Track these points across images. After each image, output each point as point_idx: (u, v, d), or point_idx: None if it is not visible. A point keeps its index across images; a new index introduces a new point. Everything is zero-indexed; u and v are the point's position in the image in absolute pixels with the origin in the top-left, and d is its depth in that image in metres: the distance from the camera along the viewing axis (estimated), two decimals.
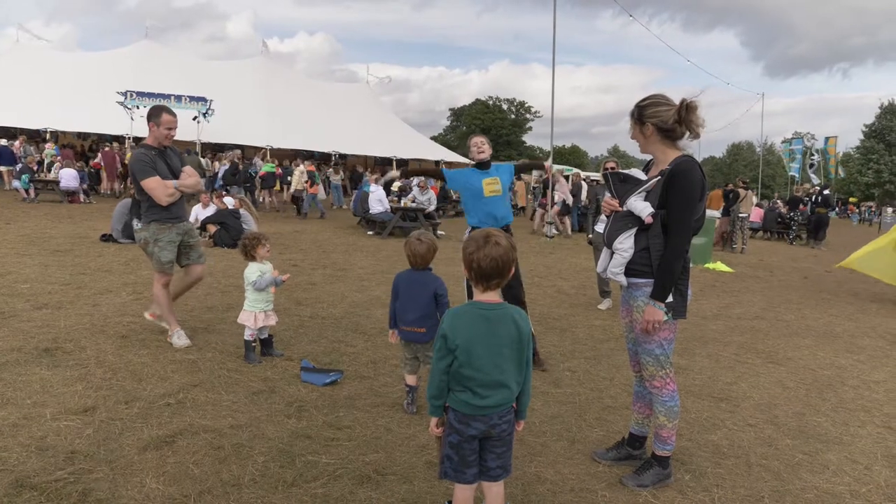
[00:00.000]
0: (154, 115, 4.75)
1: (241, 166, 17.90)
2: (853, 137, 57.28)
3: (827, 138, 35.89)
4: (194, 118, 21.57)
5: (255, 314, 4.61)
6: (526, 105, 69.30)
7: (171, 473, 2.90)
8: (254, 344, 4.66)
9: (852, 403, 4.52)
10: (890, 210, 33.46)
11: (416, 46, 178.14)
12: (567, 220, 16.77)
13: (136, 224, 4.84)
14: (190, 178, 4.91)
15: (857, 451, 3.66)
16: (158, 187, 4.66)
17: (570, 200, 16.93)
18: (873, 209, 44.27)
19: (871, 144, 53.94)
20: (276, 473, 2.96)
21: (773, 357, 5.65)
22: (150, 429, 3.37)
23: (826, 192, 20.11)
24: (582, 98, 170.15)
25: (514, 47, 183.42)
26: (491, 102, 68.65)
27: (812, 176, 35.48)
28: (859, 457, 3.59)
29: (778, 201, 26.46)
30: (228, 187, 17.04)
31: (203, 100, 21.66)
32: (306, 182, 17.74)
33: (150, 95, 21.10)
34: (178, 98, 21.42)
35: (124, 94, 20.12)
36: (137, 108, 20.27)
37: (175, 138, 4.90)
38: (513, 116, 68.44)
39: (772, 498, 3.04)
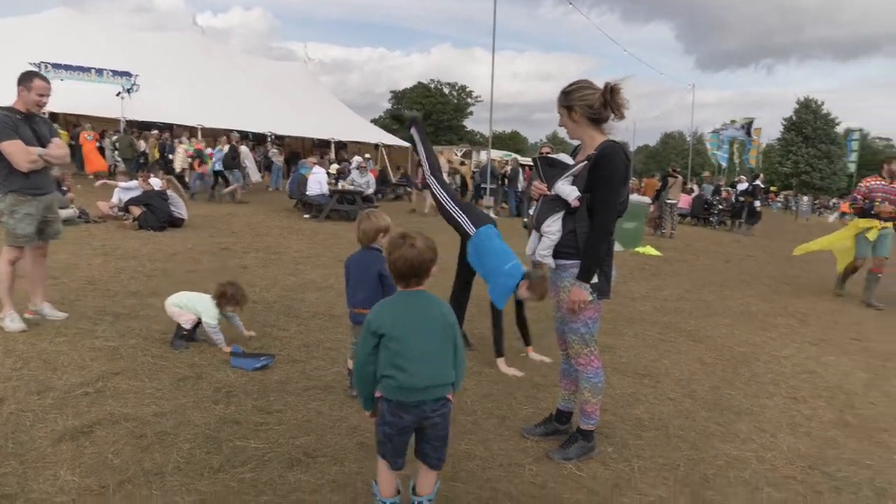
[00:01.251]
0: (25, 79, 4.50)
1: (239, 149, 17.20)
2: (774, 130, 60.13)
3: (749, 121, 37.26)
4: (118, 94, 20.50)
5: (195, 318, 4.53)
6: (467, 90, 69.31)
7: (89, 464, 2.80)
8: (185, 332, 4.54)
9: (763, 377, 4.79)
10: (805, 199, 35.31)
11: (357, 26, 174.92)
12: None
13: None
14: (58, 149, 4.68)
15: (764, 421, 3.90)
16: (19, 152, 4.40)
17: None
18: (789, 197, 46.57)
19: (790, 137, 56.75)
20: (202, 460, 2.91)
21: (695, 335, 5.91)
22: (66, 419, 3.23)
23: (757, 182, 21.16)
24: (523, 84, 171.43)
25: (456, 31, 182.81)
26: (433, 86, 68.25)
27: (747, 164, 37.00)
28: (766, 425, 3.82)
29: (706, 186, 27.55)
30: (228, 172, 16.60)
31: (128, 74, 20.54)
32: (194, 160, 17.15)
33: (69, 68, 19.81)
34: (100, 72, 20.21)
35: (38, 65, 18.86)
36: (61, 80, 19.09)
37: (99, 115, 4.68)
38: (454, 101, 68.26)
39: (687, 466, 3.21)
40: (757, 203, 20.52)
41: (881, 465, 3.40)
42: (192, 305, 4.55)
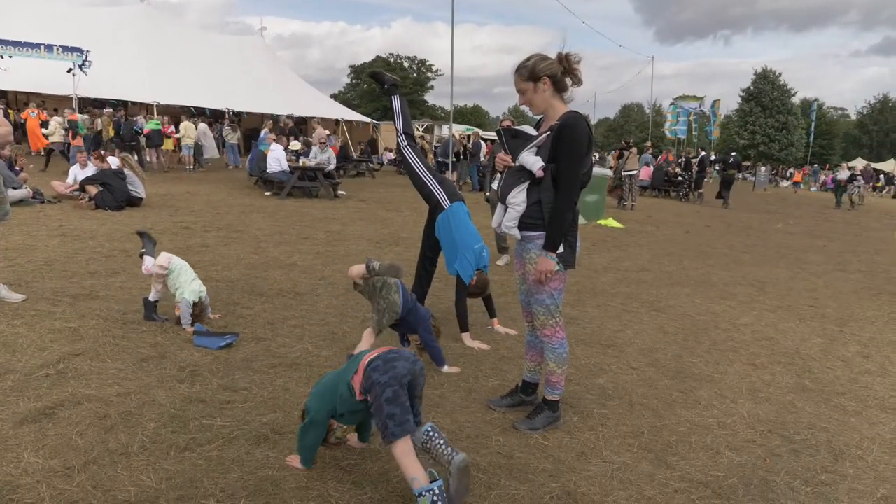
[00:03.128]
0: None
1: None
2: (732, 101, 61.20)
3: (714, 101, 37.83)
4: (69, 70, 19.77)
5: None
6: (427, 63, 68.65)
7: (52, 446, 2.75)
8: (153, 303, 4.48)
9: (723, 345, 4.93)
10: (763, 169, 36.10)
11: (316, 0, 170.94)
12: None
13: None
14: (1, 126, 4.52)
15: (725, 387, 4.02)
16: None
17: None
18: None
19: (748, 108, 57.73)
20: (168, 439, 2.88)
21: (656, 305, 6.04)
22: (27, 402, 3.16)
23: (734, 154, 21.62)
24: (484, 58, 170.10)
25: (417, 4, 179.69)
26: (392, 60, 67.39)
27: (710, 137, 37.56)
28: (727, 392, 3.95)
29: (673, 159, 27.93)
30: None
31: (79, 50, 19.78)
32: (68, 132, 16.75)
33: (16, 44, 19.05)
34: (50, 48, 19.42)
35: None
36: (10, 57, 18.31)
37: (50, 93, 4.50)
38: (414, 75, 67.58)
39: (650, 433, 3.29)
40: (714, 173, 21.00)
41: (838, 428, 3.54)
42: (179, 281, 4.53)
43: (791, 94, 57.47)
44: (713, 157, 21.68)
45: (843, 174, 23.86)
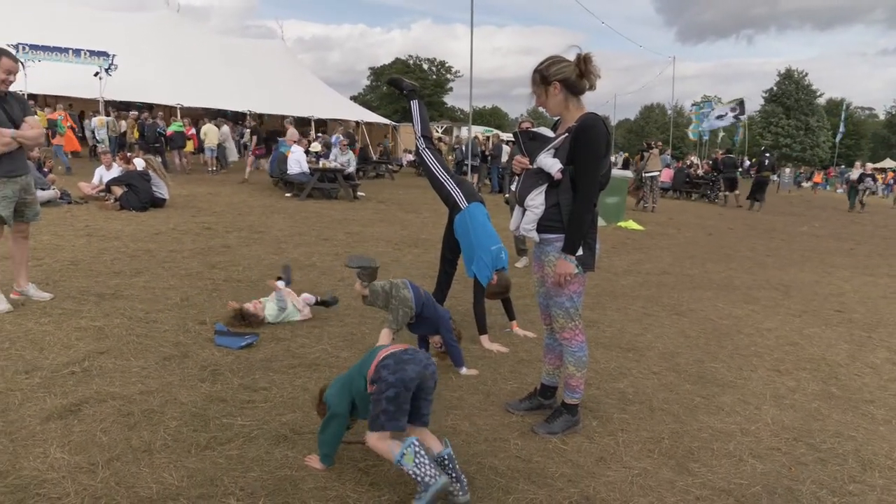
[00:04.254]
0: None
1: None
2: (755, 102, 60.19)
3: (741, 100, 37.27)
4: (96, 74, 20.15)
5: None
6: (447, 65, 68.79)
7: (77, 442, 2.80)
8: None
9: (746, 350, 4.86)
10: (787, 171, 35.60)
11: (336, 2, 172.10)
12: None
13: None
14: (32, 129, 4.59)
15: (748, 393, 3.96)
16: None
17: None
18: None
19: (771, 108, 57.02)
20: (190, 437, 2.91)
21: (677, 309, 5.98)
22: (54, 398, 3.22)
23: (768, 155, 21.18)
24: (503, 59, 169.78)
25: (437, 6, 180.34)
26: (412, 62, 67.63)
27: (735, 139, 37.03)
28: (750, 398, 3.89)
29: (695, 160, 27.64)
30: None
31: (105, 54, 20.19)
32: (47, 131, 16.99)
33: (46, 49, 19.47)
34: (78, 52, 19.87)
35: (16, 46, 18.46)
36: (32, 62, 18.70)
37: (78, 96, 4.58)
38: (434, 77, 67.75)
39: (671, 438, 3.26)
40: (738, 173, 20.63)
41: (866, 437, 3.46)
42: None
43: (817, 96, 56.63)
44: (748, 161, 21.27)
45: (855, 174, 22.90)
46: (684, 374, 4.24)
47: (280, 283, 4.92)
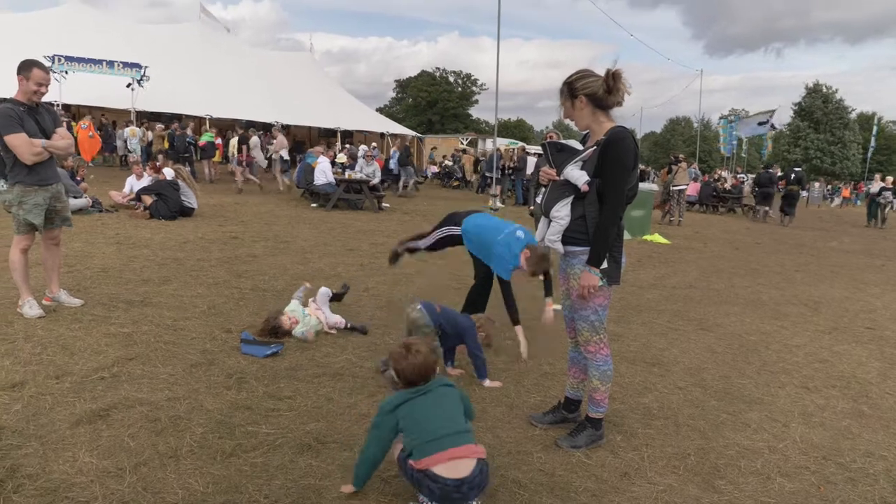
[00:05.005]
0: (24, 68, 4.50)
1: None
2: (784, 115, 59.32)
3: (772, 111, 36.75)
4: (128, 85, 20.64)
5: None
6: (472, 78, 69.12)
7: (105, 447, 2.85)
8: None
9: (774, 366, 4.78)
10: (817, 185, 35.01)
11: (364, 16, 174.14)
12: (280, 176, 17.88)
13: (2, 185, 4.60)
14: (62, 139, 4.72)
15: (776, 410, 3.89)
16: (23, 144, 4.43)
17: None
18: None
19: (798, 123, 56.24)
20: (215, 444, 2.94)
21: (704, 324, 5.90)
22: (83, 403, 3.28)
23: (798, 169, 20.84)
24: (530, 72, 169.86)
25: (464, 19, 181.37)
26: (438, 74, 68.07)
27: (763, 153, 36.54)
28: (778, 415, 3.82)
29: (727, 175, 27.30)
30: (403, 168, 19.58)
31: (137, 66, 20.71)
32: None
33: (81, 60, 20.03)
34: (111, 64, 20.41)
35: (52, 58, 19.03)
36: (66, 73, 19.23)
37: (110, 106, 4.71)
38: (459, 89, 68.10)
39: (697, 455, 3.21)
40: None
41: None
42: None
43: (848, 111, 55.73)
44: (780, 173, 20.80)
45: (875, 187, 22.13)
46: (710, 389, 4.18)
47: (323, 291, 4.98)
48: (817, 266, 10.45)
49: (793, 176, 19.78)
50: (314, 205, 13.93)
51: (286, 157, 18.37)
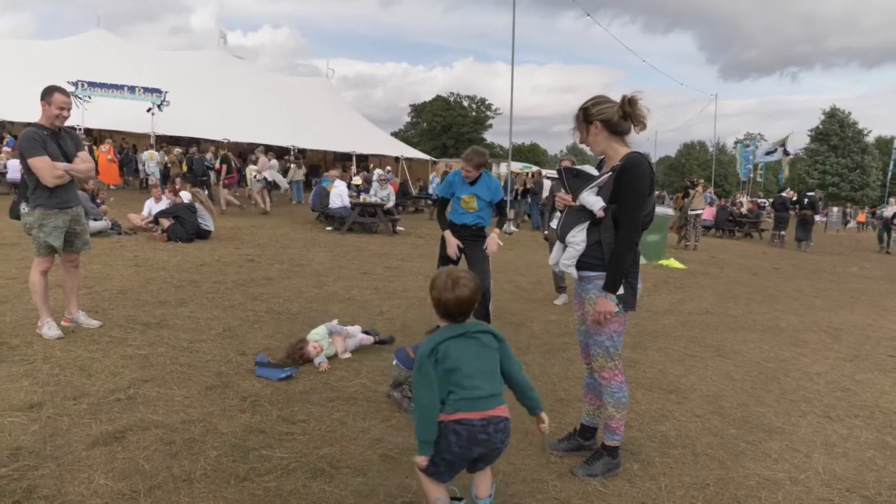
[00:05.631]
0: (46, 94, 4.61)
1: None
2: (800, 139, 58.92)
3: (787, 136, 36.66)
4: (148, 110, 21.04)
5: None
6: (486, 102, 69.64)
7: (121, 469, 2.85)
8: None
9: (794, 394, 4.70)
10: (835, 209, 34.71)
11: (381, 43, 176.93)
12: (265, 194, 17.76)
13: (24, 208, 4.69)
14: (83, 163, 4.82)
15: (797, 440, 3.81)
16: (45, 167, 4.52)
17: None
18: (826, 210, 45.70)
19: (816, 147, 55.95)
20: (229, 468, 2.94)
21: (721, 350, 5.83)
22: (99, 424, 3.30)
23: (811, 194, 20.65)
24: (544, 97, 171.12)
25: (479, 45, 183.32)
26: (452, 99, 68.69)
27: (779, 178, 36.42)
28: (799, 445, 3.74)
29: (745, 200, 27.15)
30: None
31: (157, 91, 21.13)
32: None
33: (103, 86, 20.48)
34: (132, 89, 20.84)
35: (75, 83, 19.47)
36: (89, 98, 19.66)
37: (130, 130, 4.81)
38: (474, 113, 68.62)
39: (716, 485, 3.15)
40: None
41: None
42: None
43: (865, 134, 55.37)
44: (794, 198, 20.58)
45: (889, 211, 21.48)
46: (729, 417, 4.11)
47: (350, 330, 4.97)
48: (837, 292, 10.31)
49: (805, 200, 19.59)
50: (329, 228, 14.03)
51: (269, 178, 18.51)
